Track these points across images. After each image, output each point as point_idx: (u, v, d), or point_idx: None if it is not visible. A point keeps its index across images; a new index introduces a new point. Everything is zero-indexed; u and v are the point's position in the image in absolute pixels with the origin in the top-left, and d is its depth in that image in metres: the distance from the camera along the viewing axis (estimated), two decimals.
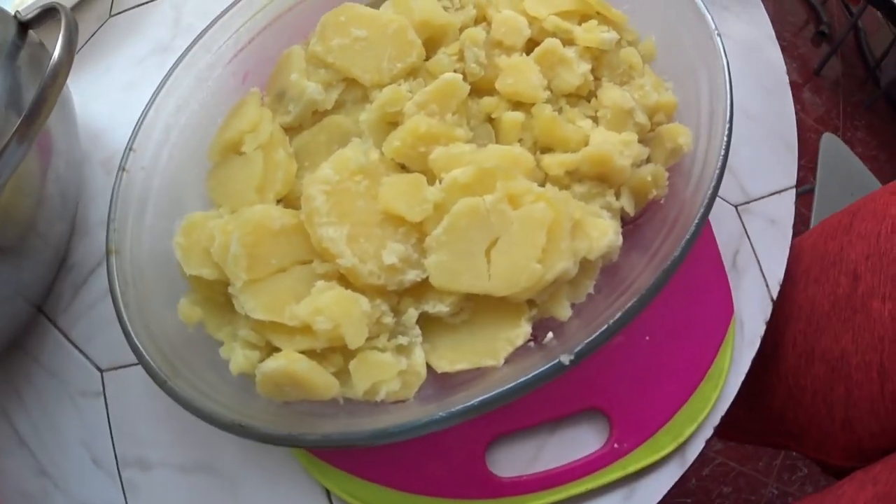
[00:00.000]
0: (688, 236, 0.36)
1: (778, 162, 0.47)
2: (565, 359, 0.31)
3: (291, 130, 0.39)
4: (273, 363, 0.33)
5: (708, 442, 0.39)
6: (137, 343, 0.32)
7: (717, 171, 0.37)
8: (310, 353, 0.34)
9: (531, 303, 0.36)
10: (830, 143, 0.84)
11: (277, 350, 0.34)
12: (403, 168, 0.38)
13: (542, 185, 0.39)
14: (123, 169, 0.35)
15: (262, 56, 0.40)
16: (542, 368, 0.31)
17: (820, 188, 0.80)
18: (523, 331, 0.35)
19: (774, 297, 0.44)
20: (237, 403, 0.34)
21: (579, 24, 0.43)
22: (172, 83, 0.37)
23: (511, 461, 0.38)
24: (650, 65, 0.45)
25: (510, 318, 0.36)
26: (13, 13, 0.41)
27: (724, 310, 0.42)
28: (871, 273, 0.42)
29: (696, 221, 0.36)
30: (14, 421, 0.39)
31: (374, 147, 0.38)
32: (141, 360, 0.32)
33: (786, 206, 0.46)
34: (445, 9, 0.42)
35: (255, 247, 0.34)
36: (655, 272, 0.35)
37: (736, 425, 0.53)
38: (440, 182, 0.36)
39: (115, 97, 0.41)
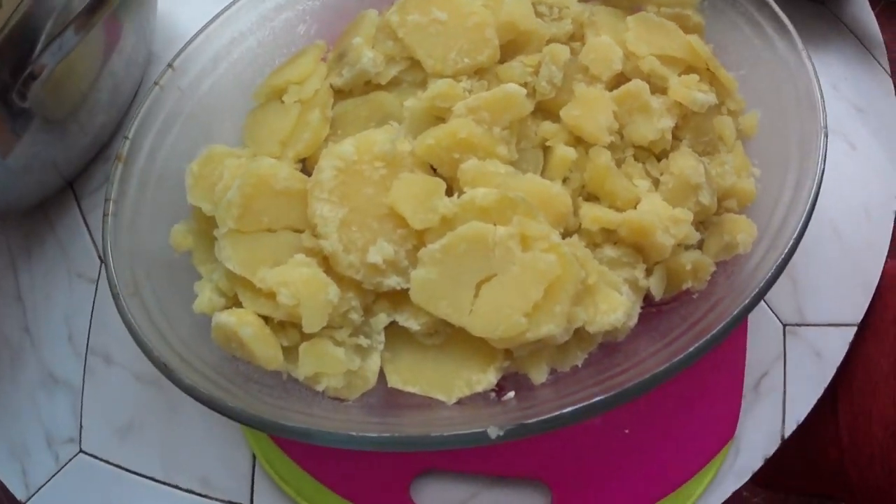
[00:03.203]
0: (705, 340, 0.28)
1: (849, 294, 0.38)
2: (492, 432, 0.25)
3: (340, 94, 0.34)
4: (224, 317, 0.29)
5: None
6: (109, 250, 0.29)
7: (766, 281, 0.29)
8: (269, 320, 0.30)
9: (508, 352, 0.30)
10: None
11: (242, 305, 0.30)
12: (432, 168, 0.32)
13: (572, 234, 0.32)
14: (157, 84, 0.31)
15: (340, 11, 0.35)
16: (465, 432, 0.25)
17: None
18: (487, 379, 0.29)
19: (786, 436, 0.35)
20: (188, 339, 0.30)
21: (681, 74, 0.35)
22: (232, 14, 0.33)
23: (439, 498, 0.33)
24: (744, 143, 0.36)
25: (479, 361, 0.30)
26: None
27: (723, 430, 0.34)
28: None
29: (722, 327, 0.28)
30: (18, 275, 0.38)
31: (410, 137, 0.32)
32: (106, 267, 0.29)
33: (839, 343, 0.37)
34: (541, 15, 0.35)
35: (252, 199, 0.30)
36: (652, 371, 0.27)
37: (788, 472, 0.46)
38: (458, 196, 0.30)
39: (204, 8, 0.37)
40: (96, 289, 0.37)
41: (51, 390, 0.36)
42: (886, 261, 0.38)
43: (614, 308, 0.30)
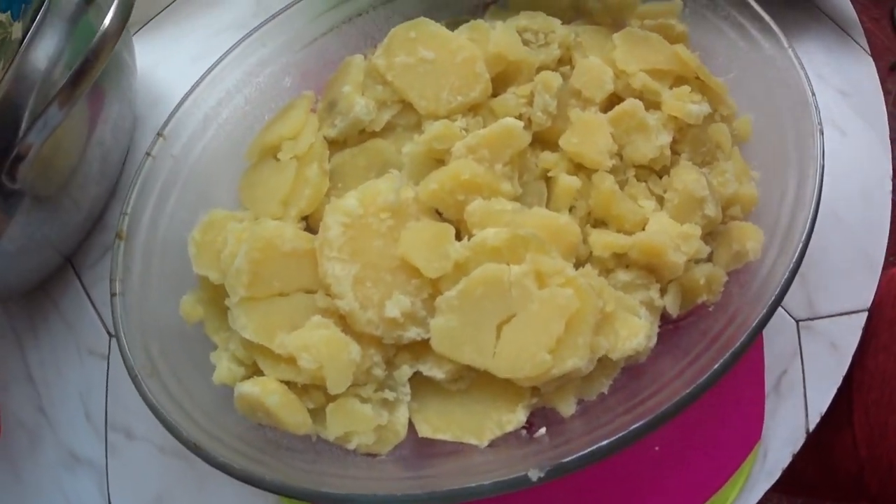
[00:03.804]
0: (729, 355, 0.28)
1: (856, 280, 0.38)
2: (533, 475, 0.25)
3: (335, 145, 0.34)
4: (248, 388, 0.29)
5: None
6: (121, 331, 0.29)
7: (781, 288, 0.29)
8: (292, 385, 0.30)
9: (535, 389, 0.30)
10: None
11: (262, 372, 0.30)
12: (437, 213, 0.32)
13: (585, 262, 0.32)
14: (149, 154, 0.30)
15: (324, 59, 0.35)
16: (507, 479, 0.25)
17: None
18: (516, 418, 0.29)
19: (811, 429, 0.35)
20: (212, 411, 0.30)
21: (672, 87, 0.35)
22: (217, 75, 0.32)
23: None
24: (741, 147, 0.36)
25: (507, 401, 0.30)
26: None
27: (749, 434, 0.34)
28: None
29: (743, 340, 0.28)
30: (26, 355, 0.37)
31: (412, 183, 0.32)
32: (120, 348, 0.28)
33: (852, 331, 0.37)
34: (528, 43, 0.35)
35: (261, 265, 0.30)
36: (681, 392, 0.28)
37: (809, 483, 0.47)
38: (469, 239, 0.30)
39: (182, 67, 0.36)
40: (108, 363, 0.36)
41: (73, 469, 0.35)
42: (887, 263, 0.38)
43: (635, 332, 0.30)
